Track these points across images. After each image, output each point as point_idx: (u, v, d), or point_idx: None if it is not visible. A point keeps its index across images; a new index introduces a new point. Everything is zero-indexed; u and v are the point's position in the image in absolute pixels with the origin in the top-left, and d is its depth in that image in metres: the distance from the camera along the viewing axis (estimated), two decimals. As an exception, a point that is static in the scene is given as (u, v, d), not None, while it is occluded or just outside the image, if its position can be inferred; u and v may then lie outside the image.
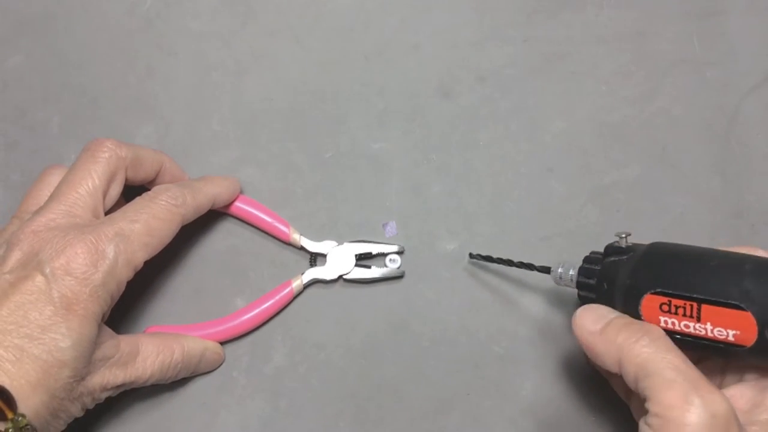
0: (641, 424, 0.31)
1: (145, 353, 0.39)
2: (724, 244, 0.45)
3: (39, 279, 0.34)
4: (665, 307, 0.33)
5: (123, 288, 0.37)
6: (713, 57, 0.48)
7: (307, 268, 0.44)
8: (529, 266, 0.41)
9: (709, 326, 0.32)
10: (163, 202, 0.39)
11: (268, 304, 0.43)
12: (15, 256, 0.35)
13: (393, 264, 0.45)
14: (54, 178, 0.40)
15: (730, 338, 0.32)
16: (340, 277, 0.44)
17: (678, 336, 0.33)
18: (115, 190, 0.39)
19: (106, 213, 0.39)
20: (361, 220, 0.46)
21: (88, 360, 0.35)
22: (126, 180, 0.40)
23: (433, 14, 0.49)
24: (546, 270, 0.40)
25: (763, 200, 0.46)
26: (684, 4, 0.49)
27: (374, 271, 0.44)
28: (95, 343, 0.35)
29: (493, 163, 0.46)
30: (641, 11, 0.49)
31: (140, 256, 0.37)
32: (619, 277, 0.35)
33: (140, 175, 0.41)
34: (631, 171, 0.46)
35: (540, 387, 0.43)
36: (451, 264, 0.45)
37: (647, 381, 0.31)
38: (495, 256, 0.43)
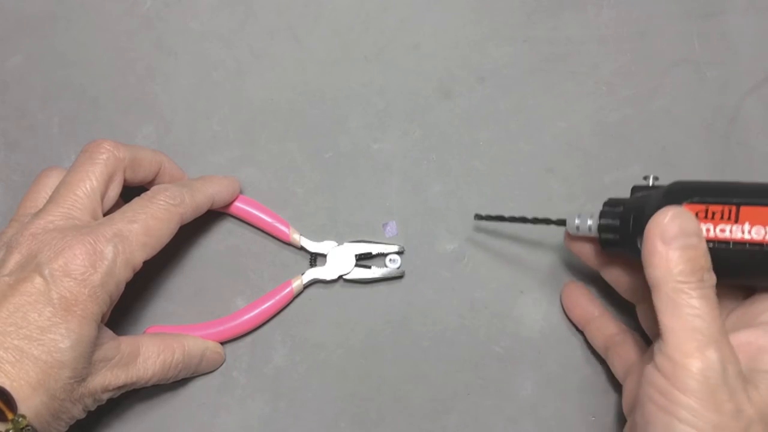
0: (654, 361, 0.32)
1: (146, 354, 0.39)
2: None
3: (38, 280, 0.34)
4: (702, 214, 0.34)
5: (122, 288, 0.37)
6: (713, 57, 0.48)
7: (307, 268, 0.44)
8: (545, 221, 0.41)
9: (746, 226, 0.33)
10: (161, 202, 0.39)
11: (268, 304, 0.43)
12: (14, 259, 0.35)
13: (393, 264, 0.45)
14: (51, 180, 0.40)
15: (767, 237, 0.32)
16: (340, 277, 0.44)
17: (711, 244, 0.33)
18: (114, 191, 0.39)
19: (105, 214, 0.39)
20: (361, 220, 0.46)
21: (88, 361, 0.35)
22: (124, 181, 0.40)
23: (433, 14, 0.49)
24: (562, 222, 0.40)
25: (763, 200, 0.46)
26: (684, 4, 0.49)
27: (374, 271, 0.44)
28: (95, 344, 0.35)
29: (493, 163, 0.46)
30: (641, 11, 0.49)
31: (139, 257, 0.37)
32: (649, 203, 0.35)
33: (139, 175, 0.41)
34: (631, 171, 0.46)
35: (540, 387, 0.43)
36: (451, 264, 0.45)
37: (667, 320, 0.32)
38: (504, 217, 0.42)
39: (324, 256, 0.45)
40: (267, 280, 0.45)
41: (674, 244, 0.32)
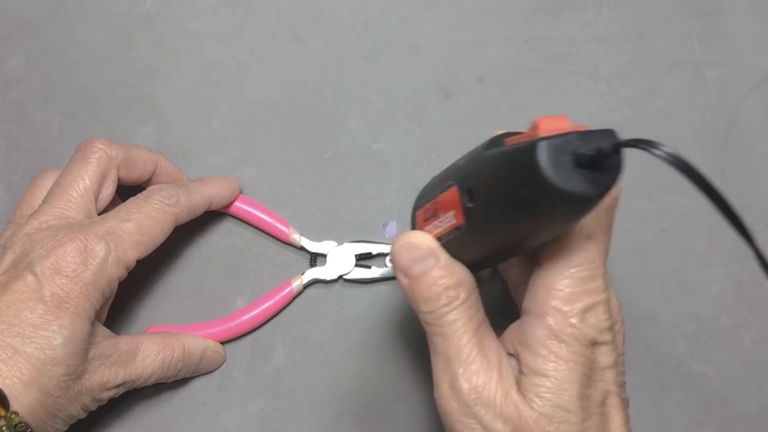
0: None
1: (146, 352, 0.39)
2: (724, 245, 0.45)
3: (30, 278, 0.34)
4: (422, 217, 0.33)
5: (115, 287, 0.37)
6: (713, 57, 0.48)
7: (307, 268, 0.45)
8: None
9: (442, 217, 0.31)
10: (156, 202, 0.39)
11: (268, 304, 0.43)
12: (8, 259, 0.36)
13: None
14: (47, 182, 0.40)
15: (453, 221, 0.30)
16: (340, 277, 0.44)
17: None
18: (108, 190, 0.40)
19: (102, 213, 0.39)
20: (361, 220, 0.46)
21: (82, 358, 0.35)
22: (119, 180, 0.40)
23: (433, 14, 0.49)
24: None
25: (763, 200, 0.46)
26: (684, 4, 0.49)
27: (374, 271, 0.44)
28: (89, 341, 0.35)
29: (493, 163, 0.46)
30: (641, 11, 0.49)
31: (132, 255, 0.37)
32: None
33: (134, 174, 0.41)
34: (631, 171, 0.46)
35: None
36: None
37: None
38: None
39: (324, 256, 0.45)
40: (267, 280, 0.45)
41: (410, 273, 0.31)
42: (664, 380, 0.44)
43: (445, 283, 0.31)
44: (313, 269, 0.44)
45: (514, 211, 0.27)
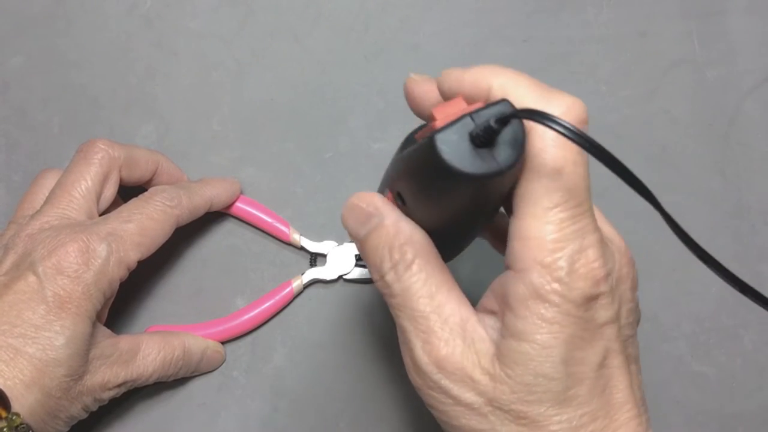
0: None
1: (146, 351, 0.39)
2: (725, 244, 0.45)
3: (31, 279, 0.34)
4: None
5: (116, 287, 0.37)
6: (713, 57, 0.48)
7: (307, 268, 0.45)
8: None
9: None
10: (157, 203, 0.39)
11: (268, 304, 0.43)
12: (10, 259, 0.36)
13: (393, 264, 0.45)
14: (48, 182, 0.40)
15: None
16: (340, 277, 0.44)
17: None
18: (110, 190, 0.40)
19: (103, 214, 0.39)
20: (361, 220, 0.46)
21: (83, 358, 0.35)
22: (121, 180, 0.40)
23: (433, 14, 0.49)
24: None
25: (763, 200, 0.46)
26: (684, 4, 0.49)
27: (374, 271, 0.44)
28: (90, 341, 0.35)
29: (493, 163, 0.46)
30: (641, 11, 0.49)
31: (133, 256, 0.37)
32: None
33: (135, 174, 0.41)
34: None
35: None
36: (449, 263, 0.45)
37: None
38: None
39: (324, 256, 0.45)
40: (267, 280, 0.45)
41: (359, 237, 0.29)
42: (664, 380, 0.44)
43: (388, 243, 0.28)
44: (313, 269, 0.44)
45: (439, 202, 0.27)
